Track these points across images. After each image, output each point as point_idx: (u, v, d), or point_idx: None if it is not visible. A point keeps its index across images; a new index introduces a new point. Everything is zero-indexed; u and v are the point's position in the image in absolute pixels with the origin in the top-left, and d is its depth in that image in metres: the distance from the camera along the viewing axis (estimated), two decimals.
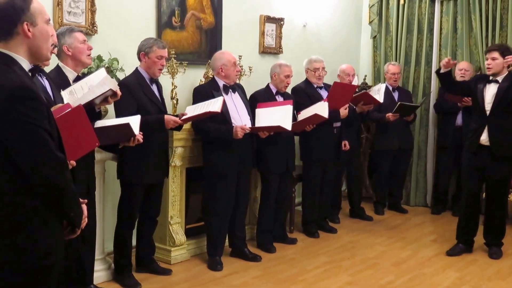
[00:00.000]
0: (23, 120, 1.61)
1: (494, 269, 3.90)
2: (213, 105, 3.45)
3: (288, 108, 3.85)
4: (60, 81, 2.82)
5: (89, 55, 3.01)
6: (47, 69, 2.77)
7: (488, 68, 4.00)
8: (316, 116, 4.05)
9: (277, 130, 3.84)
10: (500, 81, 3.97)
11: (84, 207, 1.88)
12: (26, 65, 1.74)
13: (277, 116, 3.78)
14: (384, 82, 5.28)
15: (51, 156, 1.66)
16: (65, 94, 2.68)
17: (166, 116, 3.38)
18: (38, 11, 1.74)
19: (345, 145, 4.75)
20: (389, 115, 4.98)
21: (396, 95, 5.27)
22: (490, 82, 4.01)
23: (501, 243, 4.19)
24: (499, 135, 3.95)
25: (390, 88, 5.27)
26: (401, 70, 5.46)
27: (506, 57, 3.88)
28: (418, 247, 4.38)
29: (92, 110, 2.81)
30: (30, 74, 1.76)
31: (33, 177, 1.66)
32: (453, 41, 5.43)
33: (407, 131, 5.38)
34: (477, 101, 4.04)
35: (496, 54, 3.95)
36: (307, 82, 4.58)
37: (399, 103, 4.98)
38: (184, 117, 3.44)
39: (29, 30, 1.71)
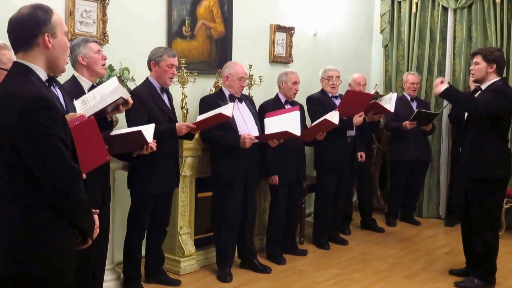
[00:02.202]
0: (39, 130, 1.63)
1: (511, 282, 3.81)
2: (225, 110, 3.44)
3: (295, 114, 3.82)
4: (75, 91, 2.85)
5: (103, 64, 3.04)
6: (62, 79, 2.77)
7: (471, 74, 3.63)
8: (326, 121, 4.00)
9: (286, 137, 3.80)
10: (483, 88, 3.52)
11: (96, 217, 1.89)
12: (43, 75, 1.76)
13: (285, 122, 3.76)
14: (395, 92, 5.23)
15: (65, 166, 1.68)
16: (77, 103, 2.70)
17: (177, 124, 3.39)
18: (58, 23, 1.76)
19: (361, 156, 4.69)
20: (406, 123, 4.91)
21: (414, 104, 5.20)
22: (476, 93, 3.63)
23: (484, 275, 3.62)
24: (469, 153, 3.55)
25: (408, 98, 5.22)
26: (421, 80, 5.39)
27: None
28: (431, 260, 4.30)
29: (104, 119, 2.82)
30: (46, 84, 1.78)
31: (46, 186, 1.68)
32: (467, 49, 5.36)
33: (425, 142, 5.28)
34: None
35: (478, 58, 3.49)
36: (322, 91, 4.56)
37: (417, 110, 4.92)
38: (196, 121, 3.45)
39: (49, 41, 1.73)
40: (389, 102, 4.63)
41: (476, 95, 3.61)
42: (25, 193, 1.68)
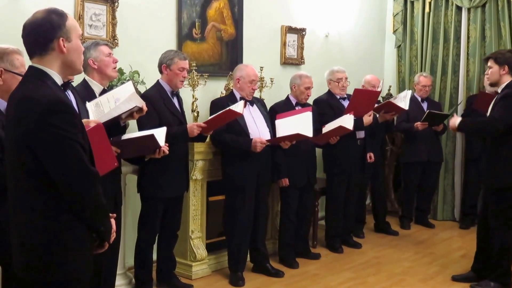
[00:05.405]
0: (57, 134, 1.64)
1: None
2: (235, 107, 3.42)
3: (307, 115, 3.78)
4: (86, 95, 2.83)
5: (114, 68, 3.01)
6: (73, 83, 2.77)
7: (486, 78, 3.63)
8: (340, 128, 3.98)
9: (298, 139, 3.76)
10: (499, 91, 3.50)
11: (113, 221, 1.89)
12: (58, 79, 1.77)
13: (297, 124, 3.72)
14: (410, 90, 5.17)
15: (83, 170, 1.68)
16: (90, 106, 2.68)
17: (188, 125, 3.36)
18: (73, 27, 1.77)
19: (370, 157, 4.64)
20: (418, 124, 4.86)
21: (425, 105, 5.13)
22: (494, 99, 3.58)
23: (500, 278, 3.55)
24: (487, 162, 3.54)
25: (419, 99, 5.15)
26: (432, 81, 5.32)
27: None
28: (446, 263, 4.23)
29: (117, 124, 2.80)
30: (62, 88, 1.78)
31: (65, 190, 1.68)
32: (481, 49, 5.27)
33: (437, 143, 5.20)
34: None
35: (491, 62, 3.51)
36: (329, 93, 4.50)
37: (428, 111, 4.85)
38: (207, 120, 3.41)
39: (64, 45, 1.73)
40: (403, 100, 4.56)
41: (494, 100, 3.57)
42: (43, 197, 1.69)
